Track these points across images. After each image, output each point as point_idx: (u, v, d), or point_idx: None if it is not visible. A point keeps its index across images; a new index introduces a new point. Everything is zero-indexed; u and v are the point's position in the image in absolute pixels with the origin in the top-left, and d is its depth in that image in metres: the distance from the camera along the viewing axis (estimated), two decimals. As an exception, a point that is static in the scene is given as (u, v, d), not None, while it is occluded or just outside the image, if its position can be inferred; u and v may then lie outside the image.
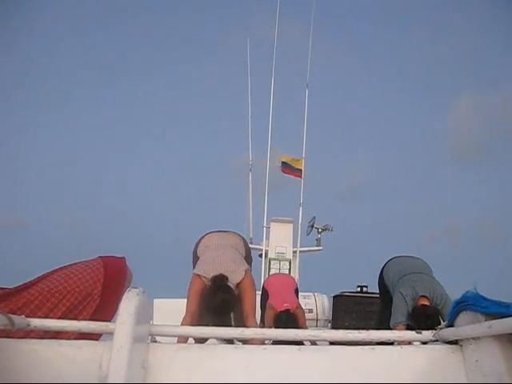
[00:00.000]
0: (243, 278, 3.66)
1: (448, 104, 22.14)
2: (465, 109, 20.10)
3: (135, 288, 1.70)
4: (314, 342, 2.30)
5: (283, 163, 8.66)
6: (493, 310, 1.55)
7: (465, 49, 19.68)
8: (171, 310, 3.59)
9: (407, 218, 16.19)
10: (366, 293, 6.68)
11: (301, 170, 8.56)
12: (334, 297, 6.84)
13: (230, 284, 3.57)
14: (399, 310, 3.80)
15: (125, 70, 18.71)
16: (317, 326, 6.71)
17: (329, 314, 6.91)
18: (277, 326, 3.95)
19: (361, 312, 6.39)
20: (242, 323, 3.61)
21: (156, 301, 6.17)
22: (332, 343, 1.94)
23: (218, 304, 3.47)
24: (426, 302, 3.78)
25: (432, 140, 18.80)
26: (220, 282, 3.55)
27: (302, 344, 1.91)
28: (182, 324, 3.38)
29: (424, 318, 3.58)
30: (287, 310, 3.98)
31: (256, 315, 3.73)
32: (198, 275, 3.64)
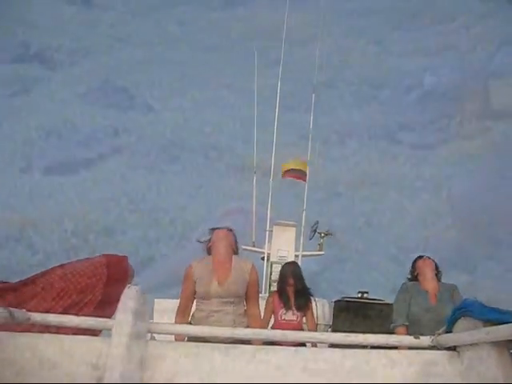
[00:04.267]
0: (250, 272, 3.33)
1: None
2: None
3: (135, 285, 1.71)
4: (314, 345, 2.31)
5: (286, 171, 8.55)
6: (491, 316, 1.55)
7: None
8: (171, 310, 3.57)
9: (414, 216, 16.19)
10: (367, 299, 6.65)
11: (305, 173, 8.48)
12: (334, 302, 6.81)
13: None
14: (399, 313, 3.65)
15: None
16: (317, 331, 6.68)
17: (329, 320, 6.87)
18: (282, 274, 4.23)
19: (361, 318, 6.35)
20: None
21: (157, 300, 6.16)
22: (331, 346, 1.95)
23: None
24: None
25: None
26: None
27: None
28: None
29: None
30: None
31: None
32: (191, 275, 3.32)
